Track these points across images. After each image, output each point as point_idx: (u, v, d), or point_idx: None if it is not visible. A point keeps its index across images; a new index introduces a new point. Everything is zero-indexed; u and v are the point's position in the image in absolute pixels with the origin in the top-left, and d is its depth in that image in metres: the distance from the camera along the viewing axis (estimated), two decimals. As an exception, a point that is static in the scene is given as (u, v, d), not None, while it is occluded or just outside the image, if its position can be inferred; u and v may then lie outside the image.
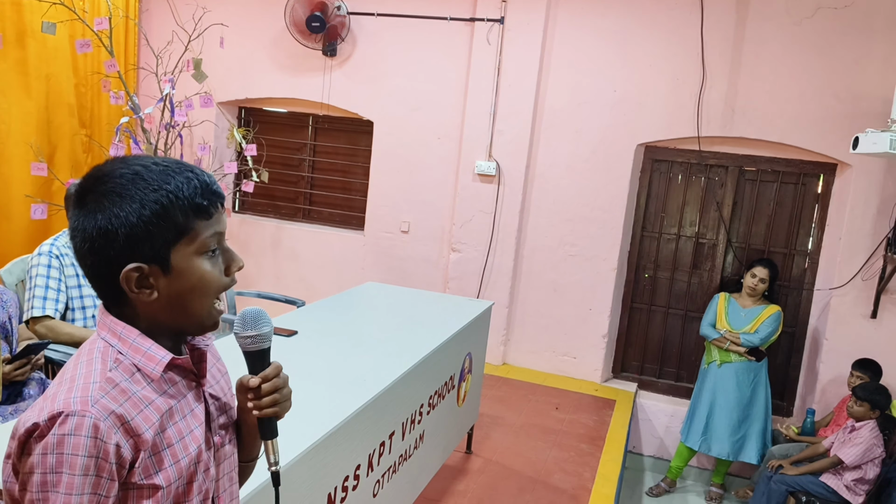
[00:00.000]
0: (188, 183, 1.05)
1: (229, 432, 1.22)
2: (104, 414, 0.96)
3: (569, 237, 5.46)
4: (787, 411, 5.26)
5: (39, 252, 2.95)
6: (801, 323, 5.19)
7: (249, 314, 1.18)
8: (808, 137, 4.86)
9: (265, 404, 1.17)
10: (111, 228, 1.01)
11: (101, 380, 1.00)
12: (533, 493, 3.76)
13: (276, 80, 6.04)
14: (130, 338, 1.06)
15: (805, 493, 4.18)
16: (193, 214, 1.05)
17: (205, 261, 1.07)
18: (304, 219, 6.37)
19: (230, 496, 1.23)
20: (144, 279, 1.04)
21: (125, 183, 1.02)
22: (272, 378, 1.17)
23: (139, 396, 1.02)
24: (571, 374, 5.57)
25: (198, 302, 1.08)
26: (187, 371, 1.12)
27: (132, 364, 1.04)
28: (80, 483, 0.94)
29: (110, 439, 0.96)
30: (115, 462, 0.97)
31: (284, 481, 1.86)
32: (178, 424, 1.07)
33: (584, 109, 5.32)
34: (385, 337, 3.22)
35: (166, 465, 1.03)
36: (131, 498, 1.01)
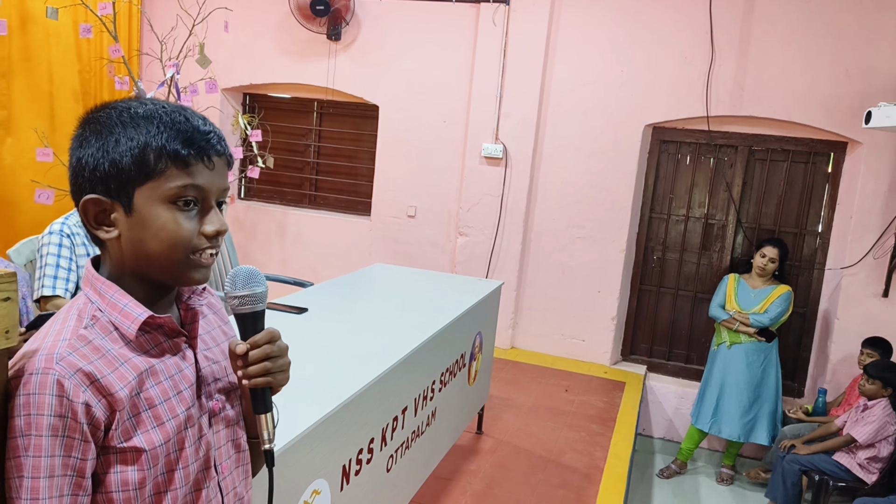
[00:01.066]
0: (173, 126, 0.99)
1: (232, 398, 1.15)
2: (69, 371, 0.91)
3: (576, 219, 5.43)
4: (797, 392, 5.23)
5: (50, 231, 2.92)
6: (812, 303, 5.15)
7: (242, 272, 1.09)
8: (818, 115, 4.81)
9: (253, 373, 1.07)
10: (84, 158, 0.99)
11: (71, 336, 0.95)
12: (545, 471, 3.74)
13: (281, 65, 6.01)
14: (109, 293, 1.01)
15: (818, 472, 4.15)
16: (168, 160, 0.98)
17: (173, 211, 0.99)
18: (310, 205, 6.35)
19: (235, 463, 1.16)
20: (105, 214, 1.00)
21: (112, 116, 0.99)
22: (262, 344, 1.08)
23: (114, 354, 0.97)
24: (580, 356, 5.55)
25: (161, 252, 1.00)
26: (175, 332, 1.05)
27: (109, 321, 0.99)
28: (48, 445, 0.90)
29: (78, 397, 0.91)
30: (86, 422, 0.92)
31: (301, 450, 1.85)
32: (163, 385, 1.01)
33: (591, 90, 5.27)
34: (396, 314, 3.19)
35: (148, 427, 0.98)
36: (114, 463, 0.96)
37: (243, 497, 1.20)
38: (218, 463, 1.11)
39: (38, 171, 4.96)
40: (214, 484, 1.10)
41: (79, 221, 2.99)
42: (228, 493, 1.14)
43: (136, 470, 0.97)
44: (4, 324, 0.89)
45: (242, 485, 1.19)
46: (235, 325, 1.16)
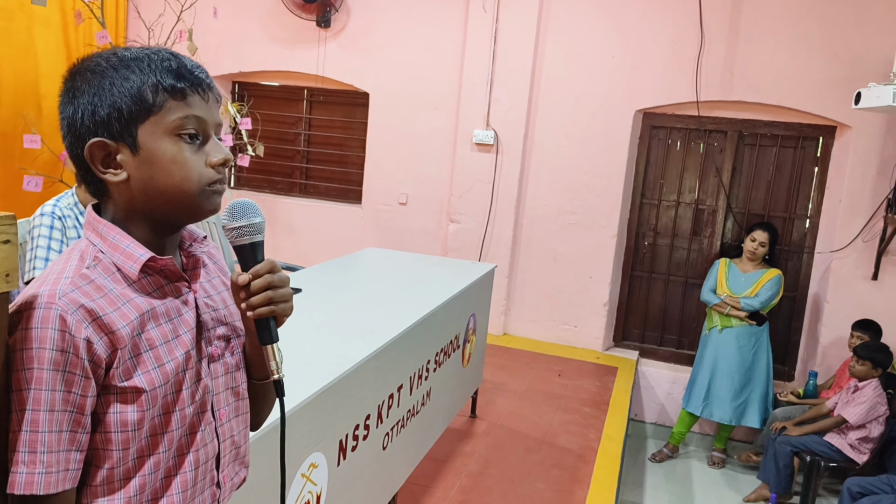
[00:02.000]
0: (163, 63, 1.00)
1: (231, 346, 1.15)
2: (72, 307, 0.92)
3: (568, 205, 5.43)
4: (788, 376, 5.27)
5: (41, 213, 2.89)
6: (802, 287, 5.18)
7: (239, 205, 1.10)
8: (807, 100, 4.84)
9: (257, 303, 1.06)
10: (80, 104, 0.99)
11: (73, 275, 0.96)
12: (539, 453, 3.75)
13: (270, 53, 5.97)
14: (111, 235, 1.01)
15: (810, 453, 4.18)
16: (165, 93, 0.99)
17: (179, 143, 1.00)
18: (301, 193, 6.32)
19: (234, 411, 1.16)
20: (111, 158, 1.00)
21: (101, 62, 1.00)
22: (263, 274, 1.07)
23: (116, 294, 0.98)
24: (573, 342, 5.56)
25: (175, 186, 1.01)
26: (176, 276, 1.06)
27: (112, 263, 1.00)
28: (49, 378, 0.91)
29: (79, 333, 0.92)
30: (88, 358, 0.93)
31: (298, 423, 1.85)
32: (163, 327, 1.02)
33: (582, 76, 5.28)
34: (390, 295, 3.19)
35: (149, 367, 0.99)
36: (113, 402, 0.96)
37: (241, 447, 1.19)
38: (216, 409, 1.11)
39: (27, 158, 4.91)
40: (211, 429, 1.10)
41: (70, 203, 2.96)
42: (225, 439, 1.14)
43: (134, 410, 0.97)
44: (4, 266, 0.88)
45: (240, 435, 1.19)
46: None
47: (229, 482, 1.17)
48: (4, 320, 0.92)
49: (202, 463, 1.08)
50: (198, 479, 1.07)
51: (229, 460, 1.16)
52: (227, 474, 1.15)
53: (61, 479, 0.92)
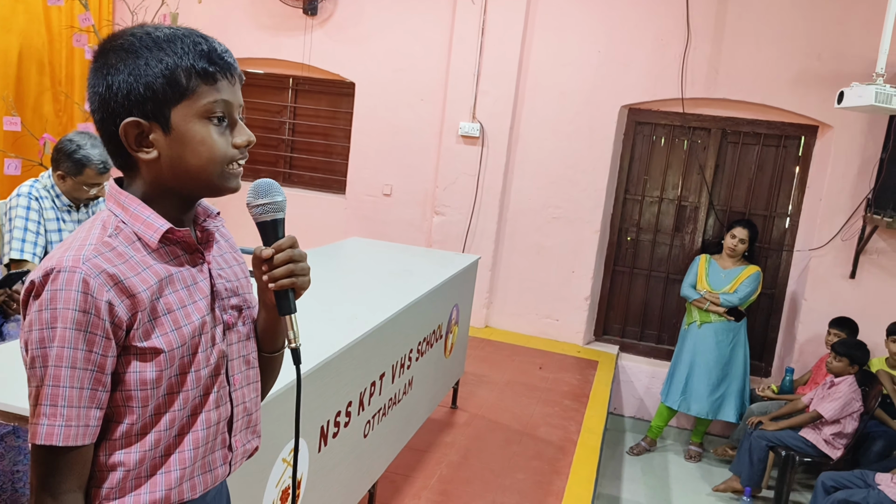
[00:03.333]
0: (195, 47, 1.05)
1: (243, 316, 1.22)
2: (95, 271, 0.98)
3: (552, 199, 5.45)
4: (765, 371, 5.33)
5: (18, 193, 2.86)
6: (781, 284, 5.25)
7: (263, 184, 1.16)
8: (790, 99, 4.89)
9: (279, 275, 1.14)
10: (115, 83, 1.03)
11: (97, 242, 1.02)
12: (520, 444, 3.77)
13: (256, 40, 5.92)
14: (132, 207, 1.07)
15: (785, 448, 4.24)
16: (197, 77, 1.05)
17: (208, 126, 1.06)
18: (285, 182, 6.28)
19: (246, 379, 1.23)
20: (144, 137, 1.05)
21: (134, 40, 1.03)
22: (286, 248, 1.15)
23: (136, 260, 1.04)
24: (554, 336, 5.59)
25: (202, 166, 1.07)
26: (192, 248, 1.12)
27: (133, 232, 1.06)
28: (72, 336, 0.96)
29: (101, 296, 0.97)
30: (109, 320, 0.98)
31: (279, 408, 1.84)
32: (180, 293, 1.08)
33: (568, 70, 5.29)
34: (374, 283, 3.19)
35: (167, 329, 1.05)
36: (133, 361, 1.02)
37: (252, 414, 1.25)
38: (230, 374, 1.18)
39: (6, 141, 4.84)
40: (225, 393, 1.17)
41: (46, 185, 2.93)
42: (238, 405, 1.20)
43: (153, 369, 1.03)
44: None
45: (252, 402, 1.25)
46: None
47: (241, 447, 1.23)
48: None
49: (213, 423, 1.14)
50: (209, 438, 1.14)
51: (242, 426, 1.22)
52: (239, 439, 1.22)
53: (81, 433, 0.98)
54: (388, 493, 3.07)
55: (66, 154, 2.81)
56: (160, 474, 1.07)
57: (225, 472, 1.20)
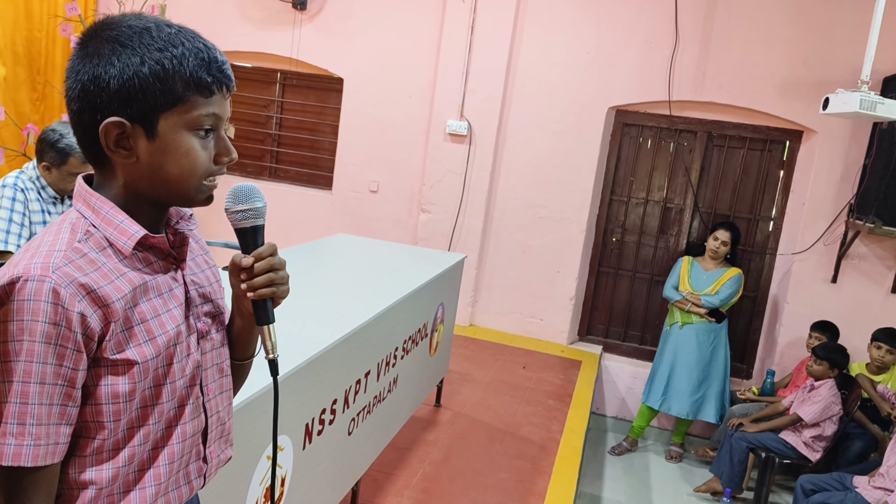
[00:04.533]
0: (196, 54, 1.00)
1: (216, 323, 1.17)
2: (65, 280, 0.91)
3: (539, 199, 5.46)
4: (746, 374, 5.38)
5: (3, 184, 2.82)
6: (763, 288, 5.29)
7: (242, 189, 1.11)
8: (776, 103, 4.93)
9: (259, 284, 1.09)
10: (104, 76, 0.96)
11: (66, 248, 0.95)
12: (503, 443, 3.77)
13: (244, 33, 5.88)
14: (104, 210, 1.00)
15: (765, 450, 4.28)
16: (193, 87, 0.99)
17: (194, 138, 1.01)
18: (271, 177, 6.25)
19: (220, 388, 1.18)
20: (124, 138, 0.99)
21: (131, 34, 0.97)
22: (266, 256, 1.10)
23: (109, 267, 0.98)
24: (538, 335, 5.60)
25: (180, 177, 1.01)
26: (165, 253, 1.07)
27: (104, 237, 0.99)
28: (41, 351, 0.90)
29: (73, 307, 0.91)
30: (81, 332, 0.92)
31: (265, 404, 1.83)
32: (154, 301, 1.02)
33: (556, 70, 5.30)
34: (359, 281, 3.18)
35: (140, 340, 0.99)
36: (104, 374, 0.96)
37: (225, 423, 1.21)
38: (204, 384, 1.13)
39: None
40: (199, 403, 1.12)
41: (32, 177, 2.89)
42: (212, 415, 1.16)
43: (126, 382, 0.98)
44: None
45: (225, 411, 1.20)
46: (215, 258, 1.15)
47: (216, 458, 1.19)
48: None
49: (189, 436, 1.10)
50: (184, 451, 1.09)
51: (216, 436, 1.18)
52: (213, 450, 1.17)
53: (50, 452, 0.93)
54: (371, 491, 3.07)
55: (49, 144, 2.77)
56: (135, 491, 1.02)
57: (199, 485, 1.15)
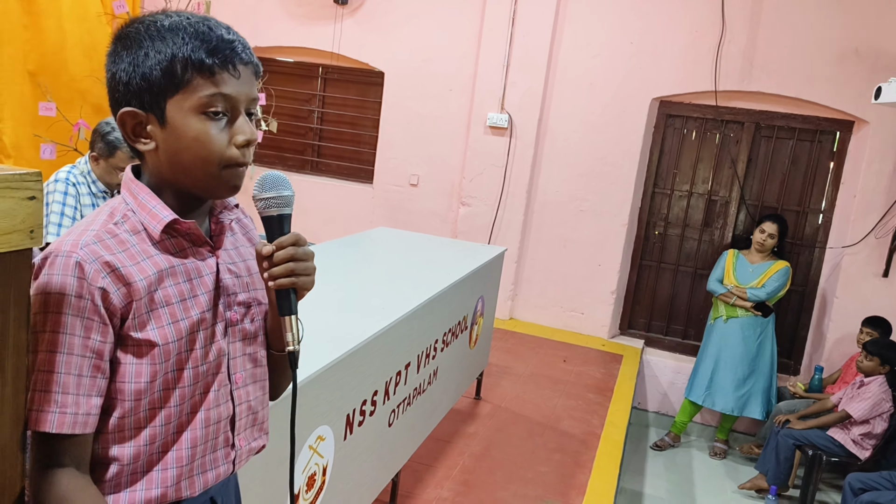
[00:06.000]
0: (198, 37, 1.00)
1: (251, 313, 1.17)
2: (91, 257, 0.97)
3: (580, 192, 5.41)
4: (794, 370, 5.26)
5: (56, 178, 2.91)
6: (812, 282, 5.16)
7: (270, 177, 1.11)
8: (826, 93, 4.80)
9: (278, 273, 1.08)
10: (118, 72, 1.03)
11: (99, 229, 1.01)
12: (542, 436, 3.76)
13: (286, 29, 5.95)
14: (140, 195, 1.05)
15: (812, 447, 4.19)
16: (194, 70, 1.00)
17: (204, 121, 1.01)
18: (312, 171, 6.32)
19: (252, 378, 1.18)
20: (142, 127, 1.03)
21: (141, 30, 1.02)
22: (287, 246, 1.08)
23: (137, 249, 1.02)
24: (579, 329, 5.56)
25: (195, 162, 1.02)
26: (200, 240, 1.09)
27: (139, 221, 1.04)
28: (69, 322, 0.95)
29: (96, 282, 0.96)
30: (104, 306, 0.97)
31: (306, 396, 1.86)
32: (181, 286, 1.05)
33: (598, 62, 5.24)
34: (400, 273, 3.20)
35: (163, 322, 1.02)
36: (128, 353, 1.00)
37: (258, 412, 1.21)
38: (232, 372, 1.14)
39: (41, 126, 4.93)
40: (226, 391, 1.13)
41: (83, 171, 2.97)
42: (241, 403, 1.16)
43: (147, 363, 1.01)
44: (29, 222, 0.89)
45: (258, 401, 1.21)
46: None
47: (246, 446, 1.19)
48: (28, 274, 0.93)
49: (214, 423, 1.11)
50: (209, 437, 1.10)
51: (246, 424, 1.18)
52: (243, 438, 1.17)
53: (79, 421, 0.96)
54: (411, 482, 3.09)
55: (100, 135, 2.85)
56: (156, 471, 1.05)
57: (228, 471, 1.16)
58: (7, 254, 0.87)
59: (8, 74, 4.94)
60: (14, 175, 0.86)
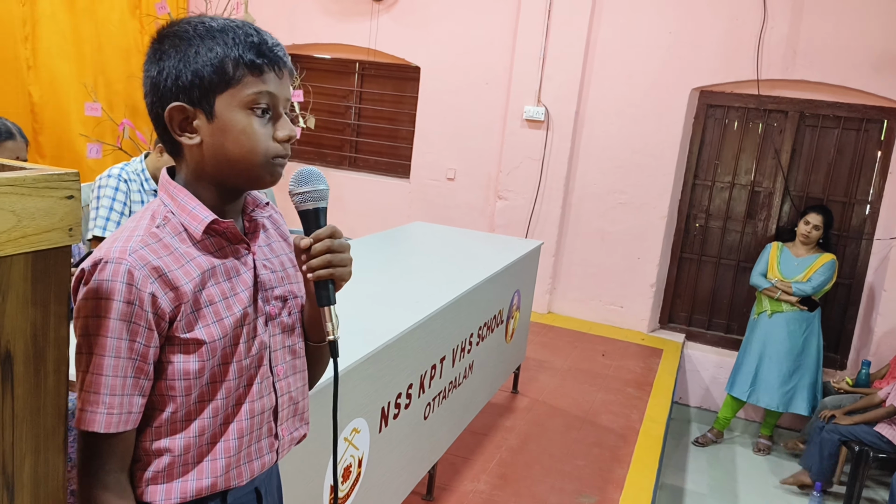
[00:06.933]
0: (246, 38, 1.06)
1: (288, 306, 1.21)
2: (140, 263, 1.01)
3: (618, 184, 5.36)
4: (840, 364, 5.13)
5: (109, 174, 3.00)
6: (859, 274, 5.03)
7: (305, 172, 1.15)
8: (872, 80, 4.66)
9: (316, 265, 1.12)
10: (165, 68, 1.06)
11: (144, 233, 1.05)
12: (580, 430, 3.75)
13: (323, 25, 6.00)
14: (179, 197, 1.09)
15: (858, 443, 4.08)
16: (244, 67, 1.05)
17: (250, 116, 1.07)
18: (350, 166, 6.38)
19: (292, 369, 1.23)
20: (188, 122, 1.07)
21: (188, 29, 1.06)
22: (324, 237, 1.13)
23: (181, 252, 1.06)
24: (618, 323, 5.52)
25: (241, 156, 1.07)
26: (237, 238, 1.13)
27: (179, 223, 1.08)
28: (117, 327, 0.99)
29: (145, 287, 1.00)
30: (152, 311, 1.01)
31: (342, 388, 1.86)
32: (222, 285, 1.10)
33: (636, 52, 5.17)
34: (436, 267, 3.21)
35: (209, 321, 1.07)
36: (176, 352, 1.05)
37: (299, 403, 1.26)
38: (273, 365, 1.18)
39: (87, 126, 5.06)
40: (269, 383, 1.17)
41: (136, 169, 3.05)
42: (283, 395, 1.21)
43: (196, 360, 1.06)
44: (67, 221, 0.92)
45: (298, 391, 1.25)
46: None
47: (288, 435, 1.24)
48: (68, 272, 0.96)
49: (257, 413, 1.16)
50: (254, 427, 1.15)
51: (288, 415, 1.23)
52: (285, 428, 1.23)
53: (123, 420, 1.02)
54: (447, 475, 3.11)
55: None
56: (207, 461, 1.10)
57: (272, 460, 1.21)
58: (47, 251, 0.91)
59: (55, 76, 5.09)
60: (53, 175, 0.89)
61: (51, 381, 0.96)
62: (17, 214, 0.86)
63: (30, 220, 0.87)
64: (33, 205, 0.88)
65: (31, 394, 0.94)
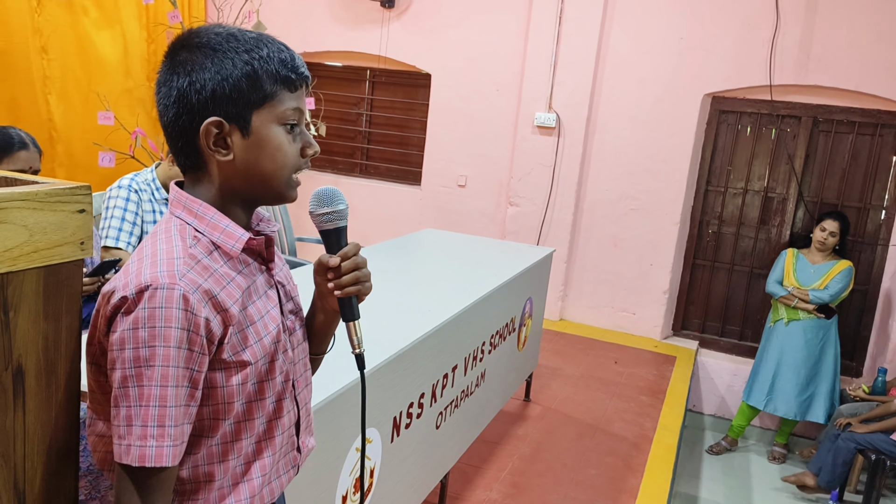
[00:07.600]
0: (279, 53, 1.05)
1: (298, 318, 1.22)
2: (192, 287, 0.96)
3: (630, 191, 5.34)
4: (856, 371, 5.08)
5: (119, 185, 3.01)
6: (875, 281, 4.98)
7: (325, 192, 1.16)
8: (886, 85, 4.61)
9: (346, 283, 1.14)
10: (199, 80, 1.01)
11: (184, 255, 0.99)
12: (593, 439, 3.72)
13: (334, 33, 6.02)
14: (209, 216, 1.05)
15: (875, 451, 4.03)
16: (280, 83, 1.04)
17: (284, 132, 1.06)
18: (361, 174, 6.38)
19: (306, 381, 1.24)
20: (222, 138, 1.03)
21: (220, 40, 1.03)
22: (352, 256, 1.14)
23: (221, 273, 1.02)
24: (630, 330, 5.48)
25: (274, 171, 1.06)
26: (257, 254, 1.12)
27: (210, 242, 1.04)
28: (175, 355, 0.94)
29: (200, 312, 0.96)
30: (206, 336, 0.97)
31: (355, 397, 1.88)
32: (258, 304, 1.07)
33: (648, 58, 5.15)
34: (447, 275, 3.20)
35: (251, 342, 1.04)
36: (221, 376, 1.01)
37: (311, 414, 1.27)
38: (294, 378, 1.18)
39: (100, 134, 5.10)
40: (291, 397, 1.17)
41: (147, 179, 3.06)
42: (303, 406, 1.21)
43: (239, 382, 1.03)
44: (79, 235, 0.92)
45: (310, 403, 1.27)
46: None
47: (306, 449, 1.24)
48: (79, 286, 0.97)
49: (286, 428, 1.15)
50: (284, 442, 1.15)
51: (305, 426, 1.23)
52: (304, 441, 1.23)
53: (180, 451, 0.97)
54: (459, 484, 3.09)
55: None
56: (243, 483, 1.07)
57: (294, 474, 1.21)
58: (59, 265, 0.91)
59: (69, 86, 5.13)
60: (64, 189, 0.89)
61: (62, 395, 0.96)
62: (30, 229, 0.86)
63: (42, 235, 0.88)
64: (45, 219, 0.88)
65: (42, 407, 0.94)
